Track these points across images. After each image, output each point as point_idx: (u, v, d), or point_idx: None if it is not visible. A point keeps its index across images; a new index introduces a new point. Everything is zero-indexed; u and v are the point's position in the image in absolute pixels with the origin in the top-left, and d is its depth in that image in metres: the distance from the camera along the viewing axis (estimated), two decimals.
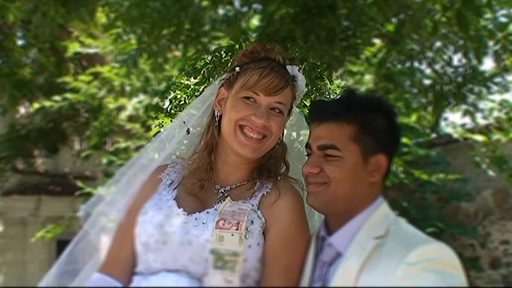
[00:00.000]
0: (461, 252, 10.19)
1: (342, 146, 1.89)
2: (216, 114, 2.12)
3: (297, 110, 2.30)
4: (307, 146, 1.98)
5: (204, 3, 4.67)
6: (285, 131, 2.20)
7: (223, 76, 2.19)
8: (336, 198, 1.89)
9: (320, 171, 1.90)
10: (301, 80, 2.15)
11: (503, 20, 5.34)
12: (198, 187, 2.07)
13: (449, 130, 9.23)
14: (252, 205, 1.99)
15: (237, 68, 2.11)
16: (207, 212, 1.98)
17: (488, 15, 4.94)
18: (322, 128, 1.93)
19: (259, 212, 1.99)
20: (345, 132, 1.90)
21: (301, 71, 2.18)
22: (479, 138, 7.43)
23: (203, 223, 1.95)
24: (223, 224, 1.92)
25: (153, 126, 3.24)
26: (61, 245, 2.30)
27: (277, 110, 2.05)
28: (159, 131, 3.22)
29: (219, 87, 2.16)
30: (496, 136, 7.39)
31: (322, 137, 1.92)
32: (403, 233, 1.86)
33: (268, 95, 2.03)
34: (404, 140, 8.73)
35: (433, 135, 10.24)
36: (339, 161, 1.88)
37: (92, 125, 8.85)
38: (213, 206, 2.00)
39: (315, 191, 1.91)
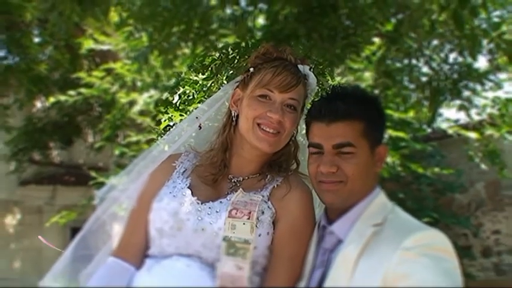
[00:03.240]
0: (454, 241, 9.98)
1: (356, 142, 1.88)
2: (233, 114, 2.12)
3: None
4: (314, 145, 1.94)
5: (213, 3, 4.68)
6: (299, 128, 2.19)
7: (238, 78, 2.19)
8: (352, 194, 1.89)
9: (337, 169, 1.88)
10: (312, 78, 2.16)
11: (496, 20, 5.34)
12: (211, 180, 2.08)
13: (444, 126, 9.23)
14: (263, 196, 2.00)
15: (251, 69, 2.11)
16: (220, 202, 1.99)
17: (483, 16, 4.93)
18: (334, 127, 1.90)
19: (269, 202, 2.00)
20: (357, 129, 1.89)
21: (311, 70, 2.18)
22: (472, 135, 7.44)
23: (216, 212, 1.96)
24: (236, 213, 1.93)
25: (162, 120, 3.23)
26: (75, 232, 2.30)
27: (291, 107, 2.06)
28: (168, 125, 3.22)
29: (235, 88, 2.17)
30: (489, 131, 7.40)
31: (336, 136, 1.89)
32: (400, 220, 1.87)
33: (282, 92, 2.04)
34: (401, 134, 8.72)
35: (429, 130, 10.22)
36: (354, 158, 1.88)
37: (104, 119, 8.86)
38: (226, 196, 2.02)
39: (333, 189, 1.89)
